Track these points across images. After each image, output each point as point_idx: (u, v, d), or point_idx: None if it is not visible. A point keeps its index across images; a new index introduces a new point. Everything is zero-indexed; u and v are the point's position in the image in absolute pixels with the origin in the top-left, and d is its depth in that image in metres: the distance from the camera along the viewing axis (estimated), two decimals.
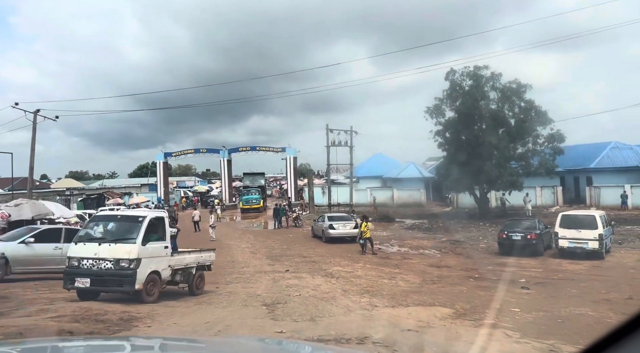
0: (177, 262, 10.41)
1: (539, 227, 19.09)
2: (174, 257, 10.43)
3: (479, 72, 32.51)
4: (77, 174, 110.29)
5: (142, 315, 7.63)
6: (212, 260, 11.99)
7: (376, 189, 49.75)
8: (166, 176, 56.11)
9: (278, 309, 8.55)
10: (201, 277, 11.38)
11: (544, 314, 9.08)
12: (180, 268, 10.53)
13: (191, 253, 11.41)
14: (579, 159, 39.18)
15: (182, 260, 10.70)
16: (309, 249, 21.31)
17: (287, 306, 8.89)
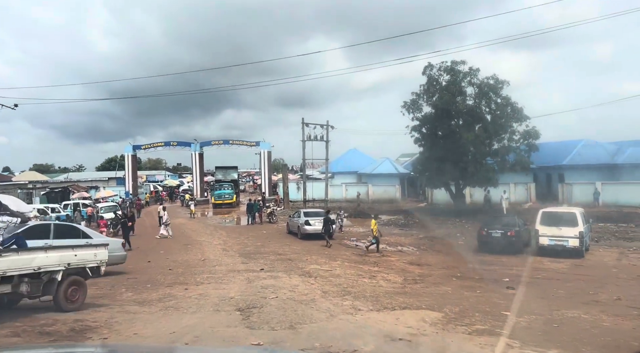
0: (14, 265, 7.45)
1: (518, 224, 18.82)
2: (6, 258, 7.44)
3: (457, 67, 32.23)
4: (42, 167, 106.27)
5: (98, 324, 6.71)
6: (101, 260, 9.04)
7: (351, 185, 49.26)
8: (135, 170, 54.19)
9: (253, 315, 7.75)
10: (78, 285, 8.34)
11: (537, 318, 8.57)
12: (25, 273, 7.61)
13: (50, 251, 8.28)
14: (551, 156, 39.50)
15: (28, 262, 7.68)
16: (285, 246, 20.52)
17: (264, 311, 8.10)
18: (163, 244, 21.39)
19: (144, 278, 12.24)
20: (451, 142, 31.40)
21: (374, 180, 48.41)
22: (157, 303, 8.68)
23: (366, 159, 55.79)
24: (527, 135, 31.73)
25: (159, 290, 10.35)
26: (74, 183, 58.76)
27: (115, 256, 13.28)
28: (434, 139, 33.13)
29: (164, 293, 9.98)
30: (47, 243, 11.89)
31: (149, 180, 72.69)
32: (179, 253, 18.57)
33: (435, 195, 41.99)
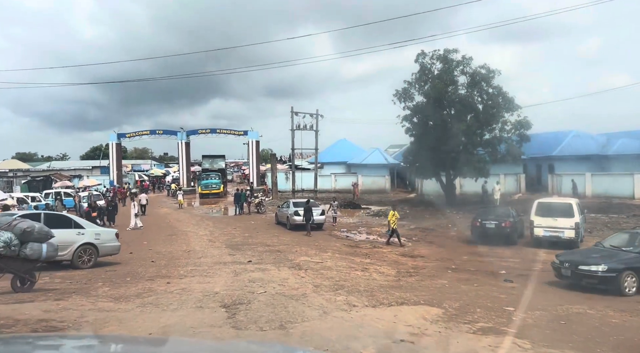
0: None
1: (512, 215, 18.43)
2: None
3: (449, 56, 31.65)
4: (25, 156, 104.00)
5: (66, 324, 6.03)
6: None
7: (341, 175, 48.73)
8: (119, 158, 52.96)
9: (240, 312, 7.13)
10: None
11: (542, 314, 8.09)
12: None
13: None
14: (541, 147, 39.29)
15: None
16: (273, 237, 19.90)
17: (251, 308, 7.49)
18: (146, 235, 20.64)
19: (124, 270, 11.55)
20: (442, 132, 30.93)
21: (363, 170, 47.91)
22: (134, 299, 8.00)
23: (356, 149, 55.25)
24: (519, 126, 31.34)
25: (139, 284, 9.68)
26: (56, 171, 57.39)
27: (109, 247, 12.63)
28: (425, 128, 32.61)
29: (143, 287, 9.30)
30: None
31: (135, 170, 71.34)
32: (163, 244, 17.87)
33: (425, 186, 41.65)
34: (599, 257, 10.96)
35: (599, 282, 10.27)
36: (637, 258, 10.62)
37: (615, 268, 10.28)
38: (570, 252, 12.96)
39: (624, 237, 12.38)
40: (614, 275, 10.18)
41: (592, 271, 10.40)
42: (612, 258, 10.72)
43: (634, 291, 10.18)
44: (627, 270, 10.30)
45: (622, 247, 11.43)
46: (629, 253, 10.92)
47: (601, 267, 10.34)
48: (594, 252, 11.63)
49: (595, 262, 10.61)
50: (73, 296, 8.15)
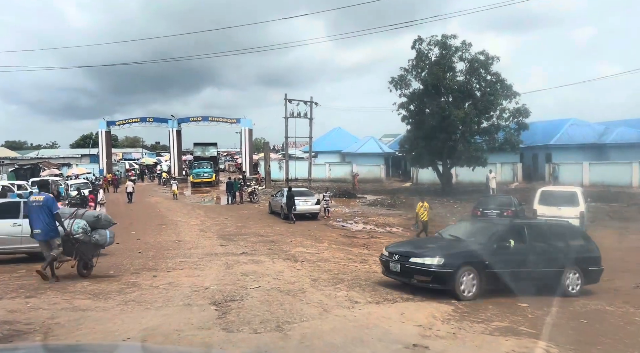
0: None
1: (514, 204, 17.86)
2: None
3: (448, 41, 30.87)
4: (14, 144, 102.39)
5: (35, 326, 5.32)
6: None
7: (335, 164, 48.06)
8: (109, 146, 51.87)
9: (232, 311, 6.44)
10: None
11: (559, 311, 7.50)
12: None
13: None
14: (538, 136, 38.81)
15: None
16: (267, 227, 19.21)
17: (244, 305, 6.81)
18: (135, 225, 19.86)
19: (108, 263, 10.80)
20: (440, 120, 30.25)
21: (358, 159, 47.24)
22: (115, 295, 7.28)
23: (350, 138, 54.54)
24: (517, 113, 30.75)
25: (122, 278, 8.95)
26: (44, 159, 56.18)
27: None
28: (422, 116, 31.95)
29: (127, 281, 8.58)
30: (16, 224, 10.61)
31: (125, 158, 70.19)
32: (152, 234, 17.11)
33: (420, 175, 41.12)
34: (436, 247, 8.95)
35: (432, 280, 8.14)
36: (479, 251, 8.55)
37: (453, 263, 8.15)
38: (403, 243, 11.00)
39: (466, 225, 10.71)
40: (450, 271, 8.05)
41: (425, 265, 8.25)
42: (451, 250, 8.69)
43: (472, 294, 8.04)
44: (466, 266, 8.15)
45: (463, 238, 9.42)
46: (470, 245, 8.94)
47: (436, 260, 8.21)
48: (431, 242, 9.91)
49: (430, 253, 8.51)
50: (47, 292, 7.41)
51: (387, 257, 9.14)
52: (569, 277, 8.98)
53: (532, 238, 9.08)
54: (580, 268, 9.12)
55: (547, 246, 9.18)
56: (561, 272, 8.88)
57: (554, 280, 8.76)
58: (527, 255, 8.76)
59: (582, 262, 9.21)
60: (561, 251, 9.21)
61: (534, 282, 8.54)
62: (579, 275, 9.07)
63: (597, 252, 9.68)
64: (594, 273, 9.38)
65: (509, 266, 8.41)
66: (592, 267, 9.34)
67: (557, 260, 9.00)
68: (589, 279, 9.28)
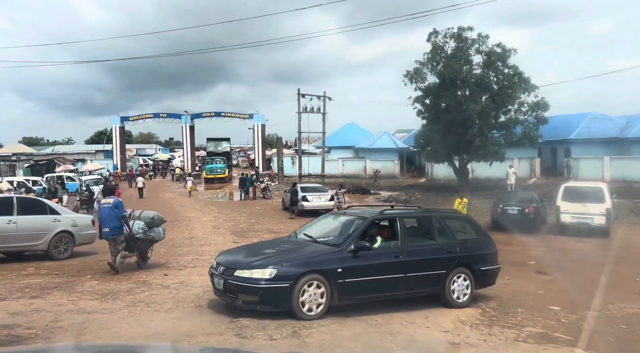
0: None
1: (535, 200, 17.24)
2: None
3: (464, 34, 30.14)
4: (31, 140, 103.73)
5: (36, 331, 5.01)
6: None
7: (348, 160, 47.59)
8: (123, 142, 51.97)
9: (245, 314, 6.07)
10: None
11: (594, 315, 6.99)
12: None
13: None
14: (557, 130, 37.82)
15: None
16: (280, 223, 18.88)
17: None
18: None
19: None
20: (456, 114, 29.58)
21: (371, 155, 46.67)
22: (124, 296, 6.97)
23: (363, 133, 53.93)
24: (536, 107, 29.93)
25: (132, 277, 8.65)
26: (59, 155, 56.62)
27: (85, 235, 11.50)
28: (438, 110, 31.28)
29: (137, 281, 8.28)
30: (11, 221, 10.29)
31: (139, 154, 70.53)
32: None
33: (435, 171, 40.45)
34: (273, 254, 6.85)
35: (260, 300, 6.02)
36: (331, 255, 6.55)
37: (289, 274, 6.11)
38: (239, 248, 8.83)
39: (327, 221, 8.45)
40: (285, 285, 6.03)
41: (252, 280, 6.08)
42: (290, 257, 6.67)
43: (319, 312, 6.17)
44: (309, 276, 6.16)
45: (319, 237, 7.41)
46: (320, 248, 6.94)
47: (268, 271, 6.13)
48: (273, 246, 7.66)
49: (261, 263, 6.38)
50: (54, 292, 7.13)
51: (213, 269, 6.79)
52: (456, 281, 7.25)
53: (406, 233, 7.26)
54: (471, 269, 7.41)
55: (427, 243, 7.51)
56: (445, 275, 7.15)
57: (435, 287, 7.18)
58: (398, 255, 6.97)
59: (472, 261, 7.50)
60: (446, 248, 7.45)
61: (408, 290, 7.01)
62: (468, 279, 7.34)
63: (491, 247, 8.06)
64: (488, 274, 7.72)
65: (372, 272, 6.64)
66: (485, 267, 7.65)
67: (440, 260, 7.26)
68: (482, 282, 7.63)
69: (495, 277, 7.92)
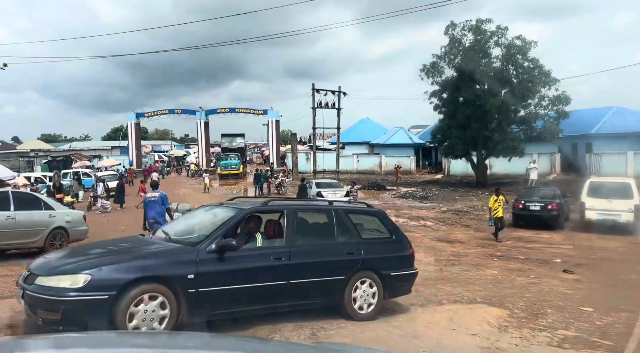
0: None
1: (559, 196, 16.68)
2: None
3: (482, 26, 29.46)
4: (49, 137, 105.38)
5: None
6: None
7: (363, 156, 47.17)
8: (138, 138, 52.25)
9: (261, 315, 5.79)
10: None
11: (629, 316, 6.57)
12: None
13: None
14: (578, 125, 36.90)
15: None
16: None
17: None
18: None
19: None
20: (474, 108, 29.02)
21: (387, 150, 46.20)
22: None
23: (379, 129, 53.42)
24: (557, 101, 29.16)
25: None
26: (76, 152, 57.28)
27: (78, 231, 11.20)
28: (456, 104, 30.73)
29: None
30: (10, 216, 10.03)
31: (155, 150, 71.03)
32: None
33: (452, 167, 39.89)
34: (97, 255, 5.31)
35: (63, 318, 4.49)
36: (180, 257, 5.13)
37: (111, 281, 4.64)
38: (68, 249, 7.20)
39: (198, 216, 6.73)
40: (103, 297, 4.55)
41: (55, 291, 4.59)
42: (119, 257, 5.20)
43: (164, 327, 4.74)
44: (143, 282, 4.73)
45: (176, 235, 5.87)
46: (168, 246, 5.46)
47: (81, 278, 4.60)
48: (105, 245, 6.08)
49: (72, 266, 4.85)
50: None
51: (20, 278, 5.29)
52: (359, 289, 5.99)
53: (295, 230, 5.86)
54: (379, 274, 6.12)
55: (323, 242, 6.22)
56: (344, 281, 5.90)
57: (330, 296, 5.90)
58: (281, 257, 5.55)
59: (381, 265, 6.20)
60: (346, 249, 6.15)
61: (294, 301, 5.63)
62: (375, 285, 6.07)
63: (406, 249, 6.67)
64: (401, 280, 6.40)
65: (240, 279, 5.24)
66: (397, 271, 6.32)
67: (338, 263, 5.99)
68: (393, 289, 6.31)
69: (411, 284, 6.59)
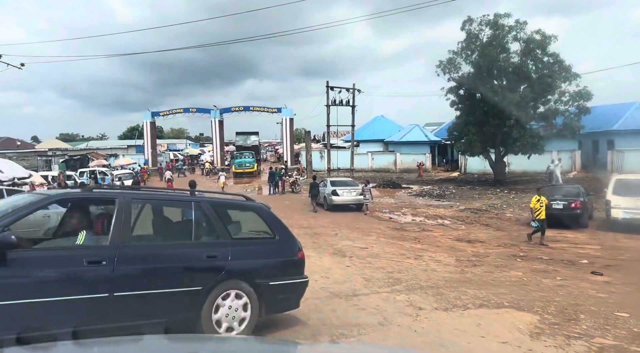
0: None
1: (582, 194, 16.13)
2: None
3: (500, 21, 28.81)
4: (68, 136, 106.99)
5: None
6: None
7: (378, 153, 46.69)
8: (154, 137, 52.47)
9: (277, 318, 5.53)
10: None
11: None
12: None
13: None
14: (599, 121, 35.87)
15: None
16: (310, 218, 18.36)
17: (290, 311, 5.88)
18: None
19: None
20: (492, 105, 28.38)
21: (402, 148, 45.63)
22: None
23: (393, 127, 52.83)
24: (578, 97, 28.37)
25: None
26: (92, 151, 57.81)
27: None
28: (473, 101, 30.16)
29: None
30: None
31: (170, 149, 71.42)
32: None
33: (469, 164, 39.20)
34: None
35: None
36: None
37: None
38: None
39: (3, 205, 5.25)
40: None
41: None
42: None
43: None
44: None
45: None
46: None
47: None
48: None
49: None
50: None
51: None
52: (224, 303, 4.71)
53: (129, 225, 4.52)
54: (252, 283, 4.89)
55: (173, 242, 4.98)
56: (202, 293, 4.60)
57: (181, 313, 4.55)
58: (101, 261, 4.21)
59: (256, 272, 4.98)
60: (206, 251, 4.85)
61: (122, 320, 4.20)
62: (247, 298, 4.83)
63: (292, 252, 5.52)
64: (285, 292, 5.18)
65: (31, 291, 3.91)
66: (278, 280, 5.09)
67: (193, 270, 4.69)
68: (274, 303, 5.07)
69: (299, 296, 5.32)
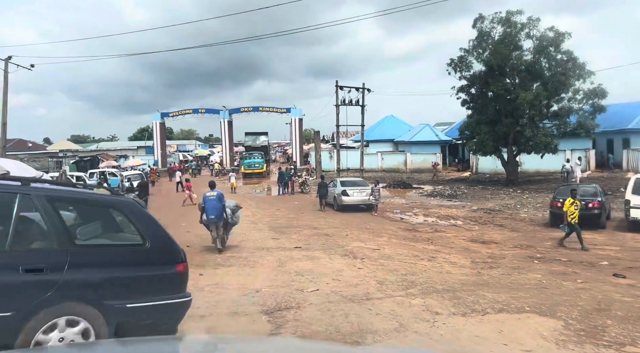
0: None
1: (599, 194, 15.71)
2: None
3: (512, 18, 28.32)
4: (79, 138, 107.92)
5: None
6: None
7: (387, 153, 46.31)
8: (163, 138, 52.58)
9: (287, 324, 5.29)
10: None
11: None
12: None
13: None
14: (614, 119, 35.26)
15: None
16: (320, 219, 18.10)
17: (302, 315, 5.64)
18: (186, 216, 19.33)
19: None
20: (505, 103, 27.94)
21: (412, 148, 45.20)
22: None
23: (403, 126, 52.43)
24: (592, 95, 27.77)
25: None
26: (103, 152, 58.09)
27: None
28: (485, 99, 29.71)
29: None
30: None
31: (180, 150, 71.64)
32: (202, 226, 16.39)
33: (480, 164, 38.69)
34: None
35: None
36: None
37: None
38: None
39: None
40: None
41: None
42: None
43: None
44: None
45: None
46: None
47: None
48: None
49: None
50: None
51: None
52: (52, 335, 3.67)
53: None
54: (100, 306, 3.84)
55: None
56: (16, 321, 3.57)
57: None
58: None
59: (106, 290, 3.93)
60: (30, 262, 3.77)
61: None
62: (90, 328, 3.78)
63: (167, 262, 4.29)
64: (150, 317, 4.07)
65: None
66: (139, 302, 4.02)
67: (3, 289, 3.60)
68: (135, 332, 3.95)
69: (175, 322, 4.24)
